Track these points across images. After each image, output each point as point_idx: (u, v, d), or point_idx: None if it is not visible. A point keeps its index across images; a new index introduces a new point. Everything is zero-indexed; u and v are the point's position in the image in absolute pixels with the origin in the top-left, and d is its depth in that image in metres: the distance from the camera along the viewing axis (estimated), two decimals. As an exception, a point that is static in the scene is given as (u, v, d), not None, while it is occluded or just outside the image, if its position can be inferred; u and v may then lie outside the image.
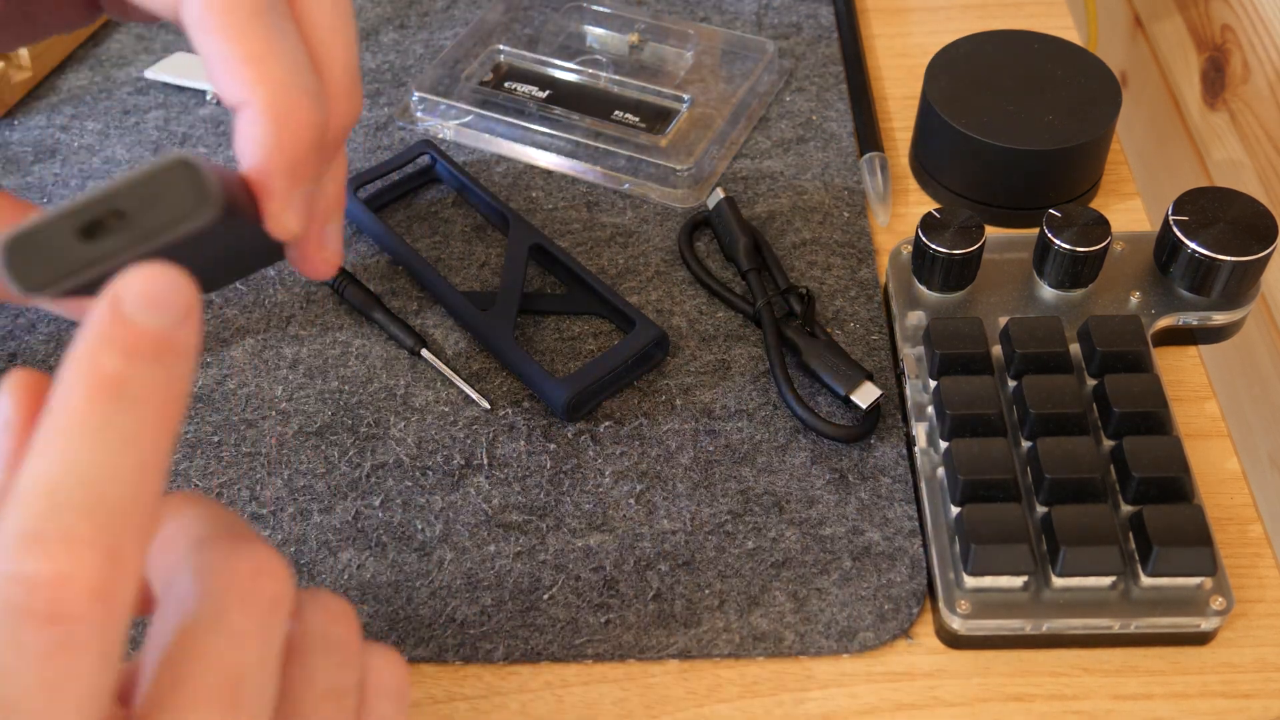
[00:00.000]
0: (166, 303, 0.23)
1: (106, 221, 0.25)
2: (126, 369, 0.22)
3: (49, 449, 0.22)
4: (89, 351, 0.22)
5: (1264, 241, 0.44)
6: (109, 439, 0.22)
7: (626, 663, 0.39)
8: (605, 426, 0.44)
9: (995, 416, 0.40)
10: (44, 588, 0.20)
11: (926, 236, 0.45)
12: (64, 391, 0.22)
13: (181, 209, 0.25)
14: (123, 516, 0.22)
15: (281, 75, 0.26)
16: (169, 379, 0.23)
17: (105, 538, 0.21)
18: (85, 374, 0.22)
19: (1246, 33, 0.62)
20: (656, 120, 0.55)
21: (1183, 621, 0.37)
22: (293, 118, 0.27)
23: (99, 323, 0.23)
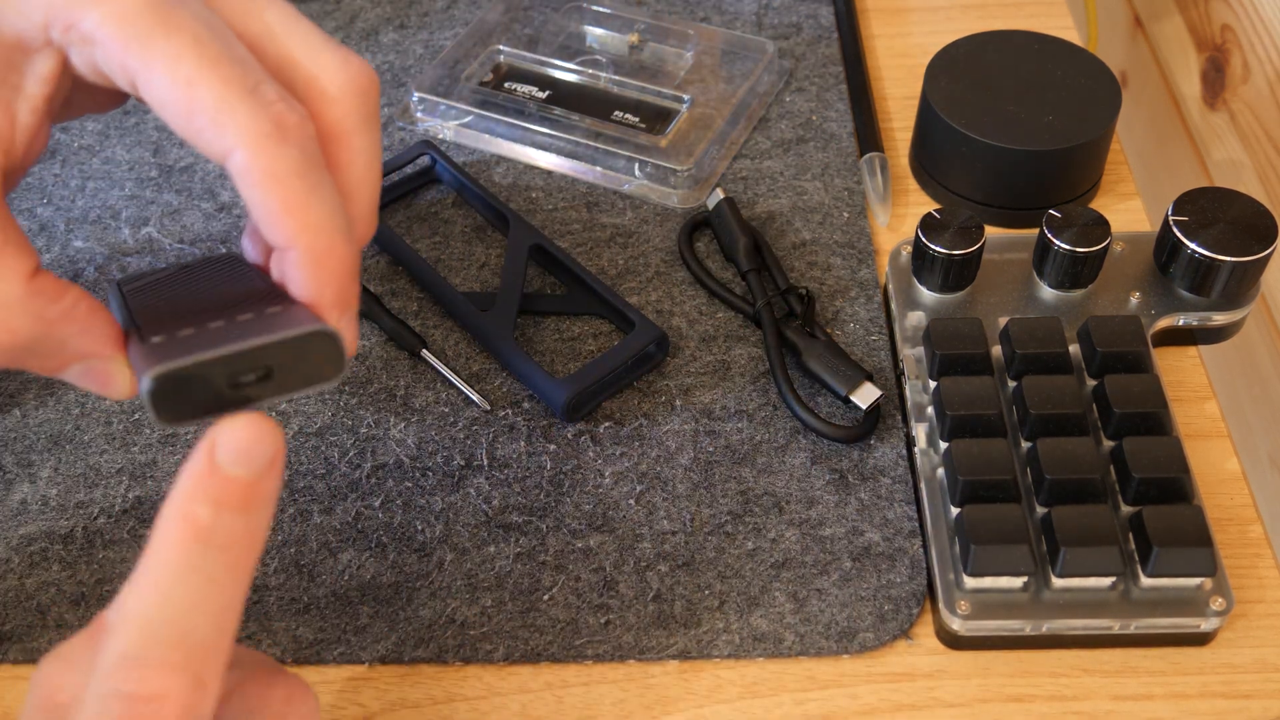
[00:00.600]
0: (255, 454, 0.27)
1: (254, 373, 0.28)
2: (215, 519, 0.27)
3: (147, 585, 0.26)
4: (184, 499, 0.27)
5: (1264, 241, 0.44)
6: (198, 581, 0.26)
7: (626, 663, 0.39)
8: (605, 427, 0.44)
9: (995, 417, 0.40)
10: (142, 704, 0.25)
11: (926, 237, 0.45)
12: (161, 533, 0.27)
13: (320, 372, 0.29)
14: (206, 648, 0.26)
15: (319, 222, 0.29)
16: (250, 528, 0.27)
17: (193, 666, 0.26)
18: (180, 521, 0.27)
19: (1246, 33, 0.62)
20: (656, 120, 0.55)
21: (1183, 622, 0.37)
22: (331, 257, 0.30)
23: (195, 472, 0.27)
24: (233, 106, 0.28)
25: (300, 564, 0.41)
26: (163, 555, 0.26)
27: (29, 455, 0.44)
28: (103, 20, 0.28)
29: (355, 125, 0.32)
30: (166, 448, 0.44)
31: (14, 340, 0.29)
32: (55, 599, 0.40)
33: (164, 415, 0.27)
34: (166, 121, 0.29)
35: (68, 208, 0.53)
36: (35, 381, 0.46)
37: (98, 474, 0.43)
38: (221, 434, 0.27)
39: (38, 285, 0.29)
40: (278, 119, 0.29)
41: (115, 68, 0.29)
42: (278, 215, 0.29)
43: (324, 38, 0.32)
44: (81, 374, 0.31)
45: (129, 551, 0.41)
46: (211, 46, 0.29)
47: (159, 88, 0.28)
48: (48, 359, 0.30)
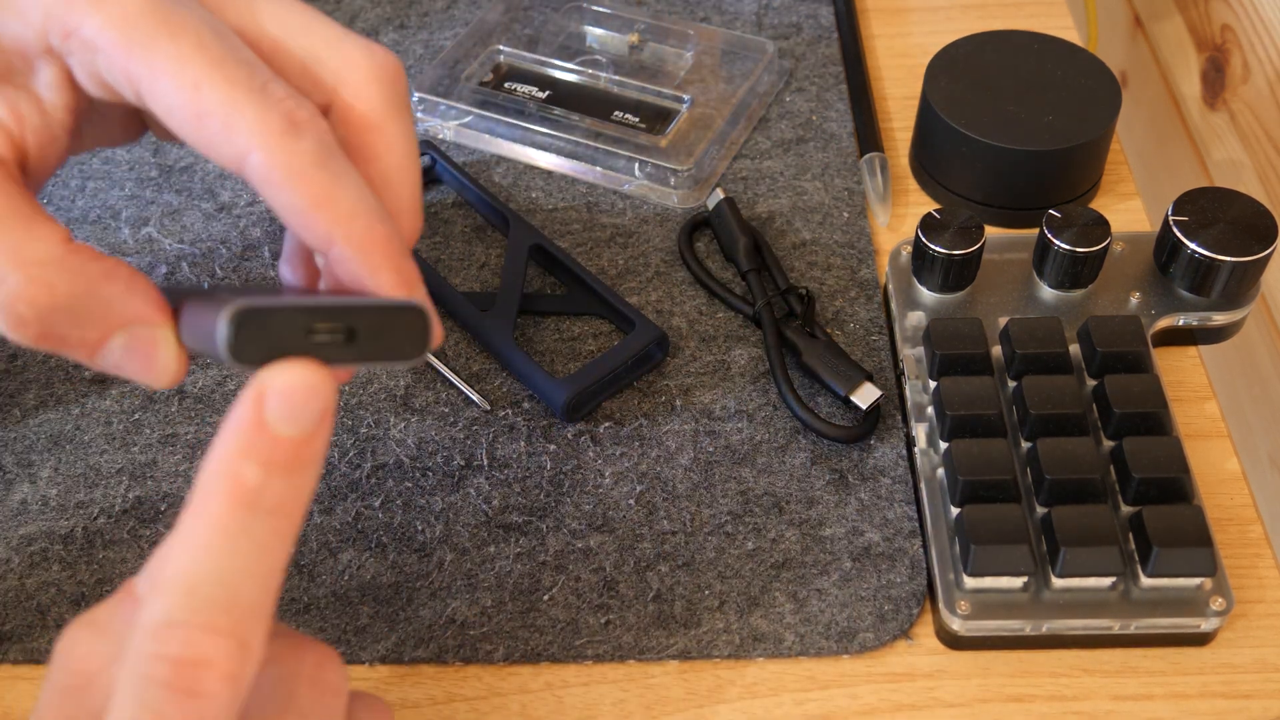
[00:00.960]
0: (306, 409, 0.26)
1: (334, 330, 0.27)
2: (263, 481, 0.25)
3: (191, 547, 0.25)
4: (231, 456, 0.25)
5: (1264, 241, 0.44)
6: (245, 545, 0.25)
7: (626, 663, 0.39)
8: (605, 427, 0.44)
9: (995, 417, 0.40)
10: (186, 667, 0.24)
11: (926, 237, 0.45)
12: (205, 493, 0.26)
13: (403, 347, 0.28)
14: (252, 612, 0.25)
15: (351, 209, 0.28)
16: (299, 489, 0.26)
17: (239, 630, 0.25)
18: (226, 481, 0.25)
19: (1246, 33, 0.62)
20: (656, 120, 0.55)
21: (1183, 622, 0.37)
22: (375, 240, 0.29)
23: (243, 427, 0.26)
24: (242, 107, 0.28)
25: (300, 564, 0.41)
26: (208, 517, 0.25)
27: (29, 455, 0.44)
28: (104, 25, 0.28)
29: (386, 112, 0.31)
30: (166, 448, 0.44)
31: (54, 298, 0.28)
32: (55, 599, 0.40)
33: (237, 352, 0.26)
34: (175, 130, 0.29)
35: (68, 208, 0.53)
36: (35, 381, 0.46)
37: (98, 474, 0.43)
38: (271, 383, 0.26)
39: (77, 246, 0.29)
40: (289, 115, 0.28)
41: (118, 75, 0.28)
42: (308, 211, 0.28)
43: (344, 30, 0.31)
44: (124, 349, 0.29)
45: (129, 551, 0.41)
46: (216, 48, 0.28)
47: (165, 93, 0.28)
48: (89, 326, 0.29)
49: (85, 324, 0.29)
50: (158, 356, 0.29)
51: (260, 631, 0.25)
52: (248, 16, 0.30)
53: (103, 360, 0.29)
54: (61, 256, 0.28)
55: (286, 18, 0.31)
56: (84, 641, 0.27)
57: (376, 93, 0.31)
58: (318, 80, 0.31)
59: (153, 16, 0.28)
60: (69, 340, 0.29)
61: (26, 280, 0.28)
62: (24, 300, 0.28)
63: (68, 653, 0.27)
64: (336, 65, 0.31)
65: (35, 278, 0.28)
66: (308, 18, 0.31)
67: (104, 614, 0.27)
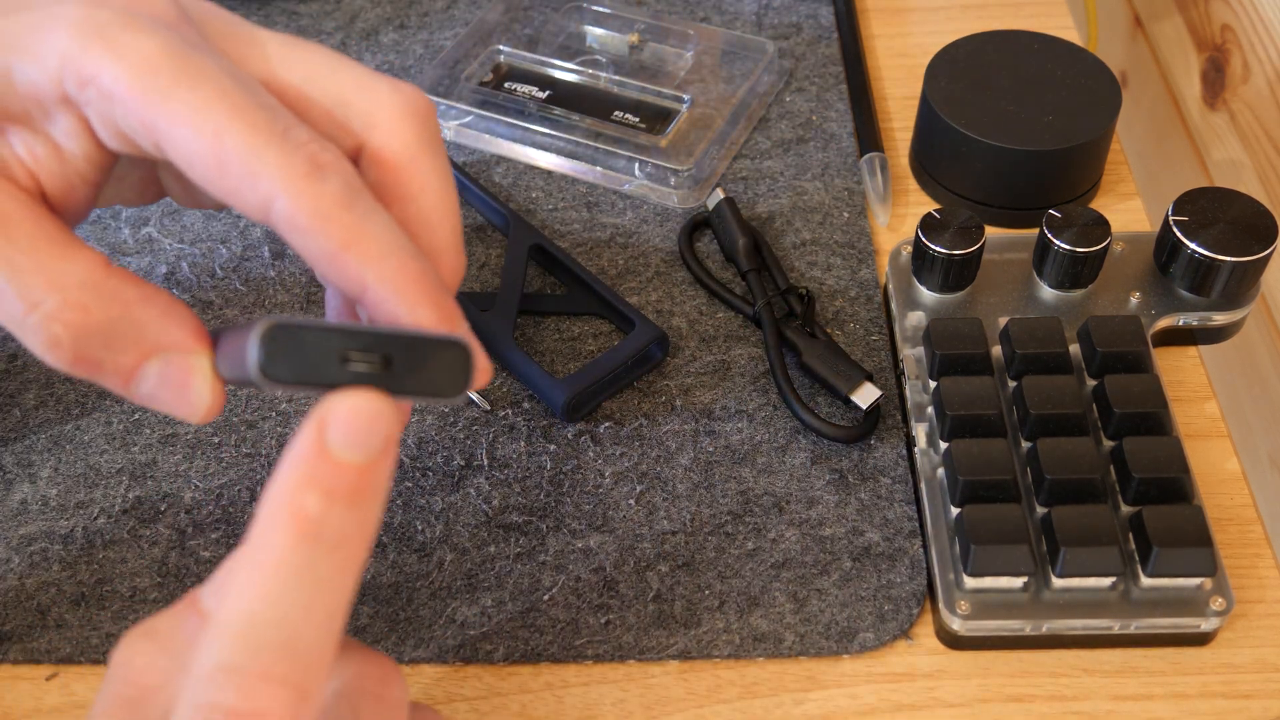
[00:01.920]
0: (370, 435, 0.25)
1: (368, 357, 0.26)
2: (326, 512, 0.24)
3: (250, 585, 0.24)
4: (292, 486, 0.24)
5: (1264, 241, 0.44)
6: (306, 582, 0.24)
7: (626, 663, 0.39)
8: (605, 427, 0.44)
9: (995, 417, 0.40)
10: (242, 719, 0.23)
11: (926, 237, 0.45)
12: (266, 524, 0.24)
13: (442, 384, 0.27)
14: (312, 657, 0.24)
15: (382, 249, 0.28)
16: (362, 522, 0.25)
17: (297, 677, 0.24)
18: (287, 512, 0.24)
19: (1246, 33, 0.62)
20: (656, 120, 0.55)
21: (1183, 622, 0.37)
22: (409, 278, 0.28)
23: (304, 454, 0.25)
24: (264, 152, 0.27)
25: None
26: (268, 551, 0.24)
27: (29, 455, 0.44)
28: (121, 72, 0.27)
29: (420, 150, 0.30)
30: (166, 448, 0.44)
31: (88, 320, 0.27)
32: (55, 599, 0.40)
33: (268, 370, 0.25)
34: (197, 180, 0.28)
35: (68, 208, 0.53)
36: (35, 381, 0.46)
37: (98, 474, 0.43)
38: (333, 410, 0.25)
39: (115, 270, 0.28)
40: (312, 158, 0.27)
41: (136, 125, 0.27)
42: (338, 255, 0.27)
43: (370, 71, 0.31)
44: (158, 377, 0.29)
45: (129, 551, 0.41)
46: (237, 95, 0.27)
47: (185, 141, 0.27)
48: (123, 351, 0.28)
49: (119, 348, 0.28)
50: (192, 385, 0.29)
51: (321, 677, 0.24)
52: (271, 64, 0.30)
53: (137, 389, 0.29)
54: (98, 280, 0.28)
55: (311, 63, 0.30)
56: (144, 653, 0.26)
57: (409, 130, 0.30)
58: (346, 124, 0.30)
59: (172, 64, 0.27)
60: (104, 365, 0.28)
61: (62, 303, 0.27)
62: (59, 322, 0.28)
63: (127, 663, 0.26)
64: (366, 107, 0.30)
65: (71, 301, 0.27)
66: (333, 62, 0.30)
67: (164, 624, 0.27)
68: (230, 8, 0.62)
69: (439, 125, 0.32)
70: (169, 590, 0.40)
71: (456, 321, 0.29)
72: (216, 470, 0.43)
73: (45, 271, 0.28)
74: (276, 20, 0.62)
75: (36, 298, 0.27)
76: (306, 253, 0.28)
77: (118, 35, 0.27)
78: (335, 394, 0.25)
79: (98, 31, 0.27)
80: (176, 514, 0.42)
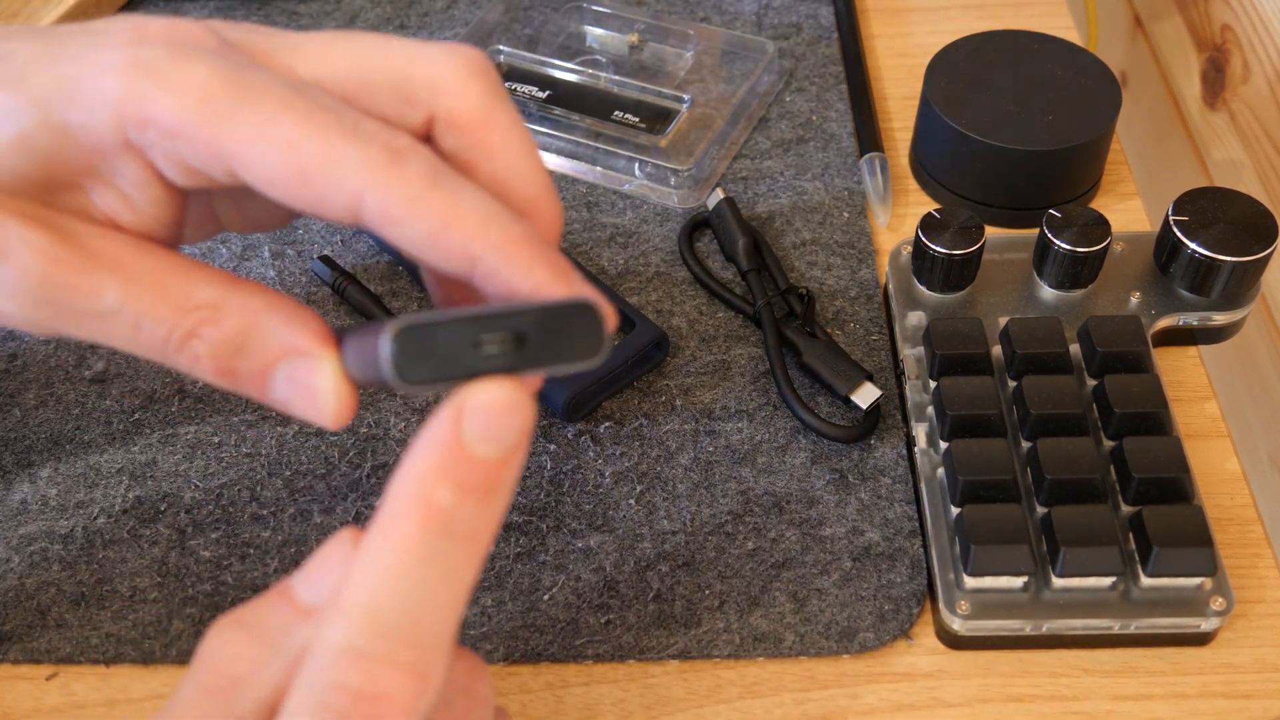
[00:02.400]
0: (506, 429, 0.25)
1: (501, 337, 0.25)
2: (458, 505, 0.25)
3: (378, 571, 0.24)
4: (426, 478, 0.25)
5: (1264, 241, 0.44)
6: (433, 572, 0.24)
7: (626, 663, 0.39)
8: (605, 427, 0.44)
9: (995, 417, 0.40)
10: (365, 701, 0.23)
11: (926, 237, 0.45)
12: (396, 514, 0.25)
13: (577, 350, 0.26)
14: (435, 645, 0.25)
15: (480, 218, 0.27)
16: (491, 516, 0.25)
17: (421, 665, 0.24)
18: (419, 503, 0.24)
19: (1246, 33, 0.62)
20: (656, 120, 0.55)
21: (1183, 622, 0.37)
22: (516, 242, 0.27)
23: (439, 446, 0.25)
24: (341, 152, 0.26)
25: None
26: (399, 540, 0.24)
27: (29, 455, 0.44)
28: (179, 106, 0.26)
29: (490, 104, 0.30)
30: (166, 448, 0.44)
31: (220, 333, 0.28)
32: (55, 599, 0.40)
33: (405, 373, 0.25)
34: (279, 198, 0.27)
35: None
36: (35, 381, 0.46)
37: (98, 474, 0.43)
38: (470, 401, 0.25)
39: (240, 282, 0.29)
40: (388, 145, 0.27)
41: (205, 156, 0.27)
42: (439, 235, 0.27)
43: (419, 41, 0.30)
44: (288, 381, 0.29)
45: (129, 551, 0.41)
46: (299, 103, 0.27)
47: (259, 160, 0.27)
48: (253, 358, 0.28)
49: (250, 356, 0.28)
50: (318, 387, 0.28)
51: (441, 664, 0.25)
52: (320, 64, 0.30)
53: (272, 395, 0.29)
54: (225, 294, 0.28)
55: (358, 50, 0.30)
56: (234, 642, 0.26)
57: (475, 88, 0.30)
58: (411, 98, 0.30)
59: (227, 87, 0.27)
60: (239, 374, 0.29)
61: (196, 321, 0.28)
62: (196, 339, 0.28)
63: (216, 652, 0.26)
64: (426, 75, 0.30)
65: (204, 318, 0.28)
66: (380, 43, 0.30)
67: (253, 615, 0.27)
68: (230, 8, 0.62)
69: (498, 75, 0.31)
70: (169, 590, 0.40)
71: (570, 276, 0.28)
72: (216, 470, 0.43)
73: (174, 298, 0.28)
74: (277, 20, 0.62)
75: (173, 323, 0.28)
76: (405, 241, 0.27)
77: (167, 70, 0.27)
78: (473, 384, 0.25)
79: (145, 70, 0.27)
80: (176, 514, 0.42)
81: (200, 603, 0.40)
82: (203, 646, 0.26)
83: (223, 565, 0.41)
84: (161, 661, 0.39)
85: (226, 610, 0.27)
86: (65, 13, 0.59)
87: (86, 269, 0.28)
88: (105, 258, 0.28)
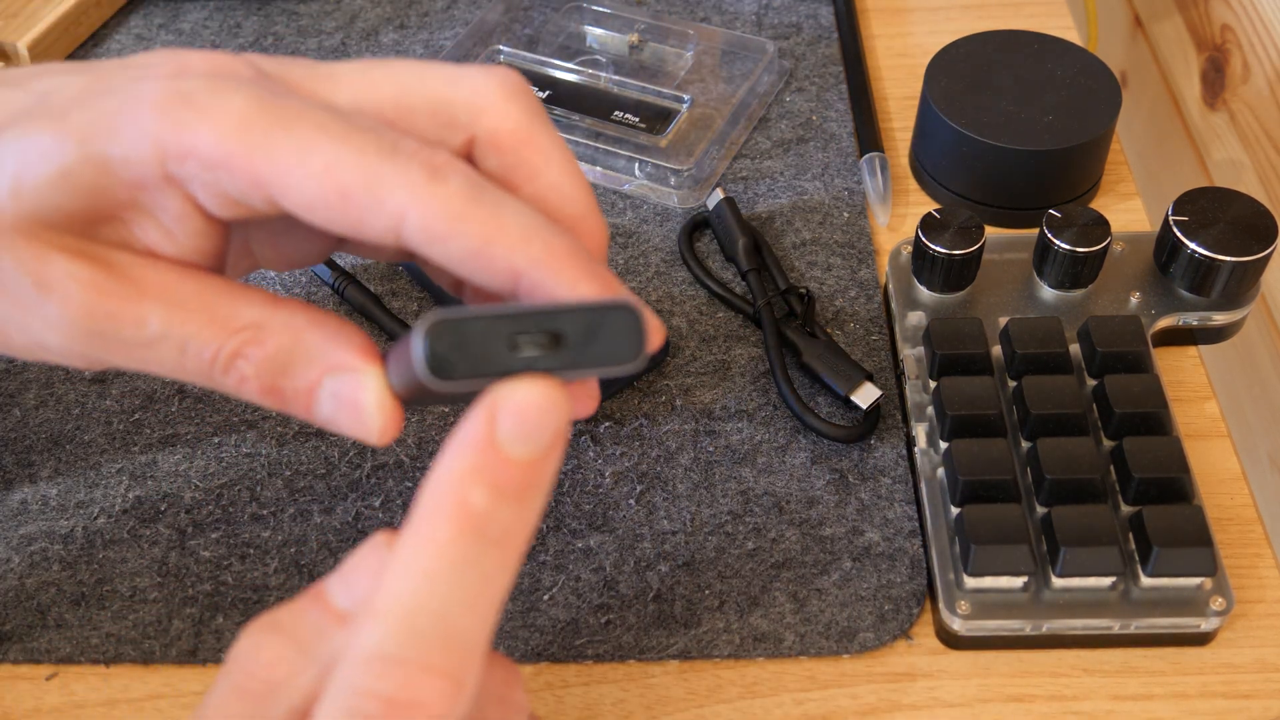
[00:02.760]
0: (541, 428, 0.24)
1: (536, 337, 0.25)
2: (493, 508, 0.24)
3: (412, 575, 0.24)
4: (460, 480, 0.24)
5: (1264, 241, 0.44)
6: (469, 577, 0.24)
7: (626, 663, 0.39)
8: (605, 427, 0.44)
9: (995, 417, 0.40)
10: (399, 708, 0.23)
11: (926, 237, 0.45)
12: (430, 516, 0.24)
13: (616, 352, 0.25)
14: (470, 650, 0.24)
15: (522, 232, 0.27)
16: (526, 519, 0.25)
17: (455, 670, 0.24)
18: (453, 506, 0.24)
19: (1246, 33, 0.62)
20: (656, 120, 0.55)
21: (1183, 622, 0.37)
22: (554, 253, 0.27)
23: (473, 446, 0.24)
24: (381, 172, 0.26)
25: (300, 564, 0.41)
26: (432, 543, 0.24)
27: (29, 455, 0.44)
28: (218, 137, 0.26)
29: (532, 123, 0.30)
30: (166, 448, 0.44)
31: (265, 353, 0.28)
32: (55, 599, 0.40)
33: (438, 369, 0.24)
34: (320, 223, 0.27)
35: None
36: (35, 381, 0.46)
37: (98, 474, 0.43)
38: (504, 400, 0.24)
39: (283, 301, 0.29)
40: (427, 163, 0.27)
41: (244, 185, 0.27)
42: (482, 251, 0.27)
43: (455, 65, 0.30)
44: (333, 399, 0.29)
45: (129, 551, 0.41)
46: (335, 126, 0.27)
47: (299, 185, 0.26)
48: (299, 376, 0.29)
49: (296, 375, 0.29)
50: (363, 402, 0.28)
51: (475, 671, 0.24)
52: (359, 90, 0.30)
53: (318, 413, 0.29)
54: (268, 314, 0.28)
55: (396, 76, 0.30)
56: (269, 646, 0.26)
57: (514, 108, 0.30)
58: (451, 120, 0.30)
59: (264, 115, 0.27)
60: (285, 393, 0.29)
61: (241, 342, 0.28)
62: (241, 359, 0.28)
63: (251, 656, 0.26)
64: (465, 97, 0.30)
65: (249, 338, 0.28)
66: (417, 68, 0.30)
67: (288, 618, 0.27)
68: (230, 8, 0.62)
69: (536, 96, 0.31)
70: (169, 590, 0.40)
71: (617, 289, 0.28)
72: (216, 470, 0.43)
73: (218, 320, 0.28)
74: (277, 20, 0.62)
75: (219, 345, 0.28)
76: (448, 260, 0.27)
77: (204, 102, 0.27)
78: (507, 382, 0.24)
79: (183, 103, 0.27)
80: (176, 514, 0.42)
81: (200, 603, 0.40)
82: (236, 648, 0.26)
83: (223, 565, 0.41)
84: (161, 661, 0.39)
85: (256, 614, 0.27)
86: (65, 13, 0.59)
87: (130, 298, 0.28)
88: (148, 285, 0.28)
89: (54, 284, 0.28)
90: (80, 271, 0.28)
